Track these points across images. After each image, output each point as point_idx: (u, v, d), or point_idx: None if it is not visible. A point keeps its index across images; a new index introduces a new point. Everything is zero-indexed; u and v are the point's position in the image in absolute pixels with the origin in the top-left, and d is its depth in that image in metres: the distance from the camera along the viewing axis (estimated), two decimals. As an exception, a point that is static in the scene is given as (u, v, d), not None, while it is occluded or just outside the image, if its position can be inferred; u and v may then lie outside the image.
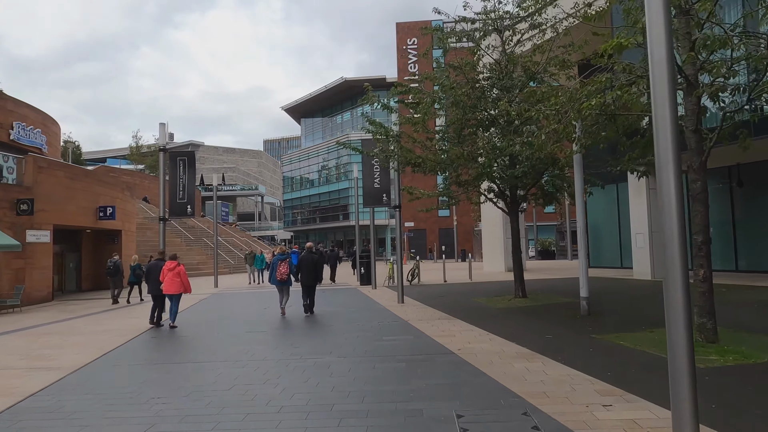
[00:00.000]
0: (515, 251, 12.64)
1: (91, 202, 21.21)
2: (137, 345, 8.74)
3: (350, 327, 9.61)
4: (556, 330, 8.39)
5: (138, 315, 13.05)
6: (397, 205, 13.17)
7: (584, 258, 9.85)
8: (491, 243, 23.58)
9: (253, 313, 12.39)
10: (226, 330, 10.00)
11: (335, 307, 12.92)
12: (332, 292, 16.87)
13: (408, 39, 60.68)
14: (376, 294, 15.76)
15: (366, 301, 13.94)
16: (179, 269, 10.41)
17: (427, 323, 9.62)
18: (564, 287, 15.53)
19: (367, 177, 13.54)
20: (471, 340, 7.85)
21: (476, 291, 15.33)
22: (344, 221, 61.19)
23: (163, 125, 13.73)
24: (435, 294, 14.96)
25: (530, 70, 11.65)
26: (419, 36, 60.21)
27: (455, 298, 13.63)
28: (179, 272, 10.35)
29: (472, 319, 9.88)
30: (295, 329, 9.77)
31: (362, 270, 19.24)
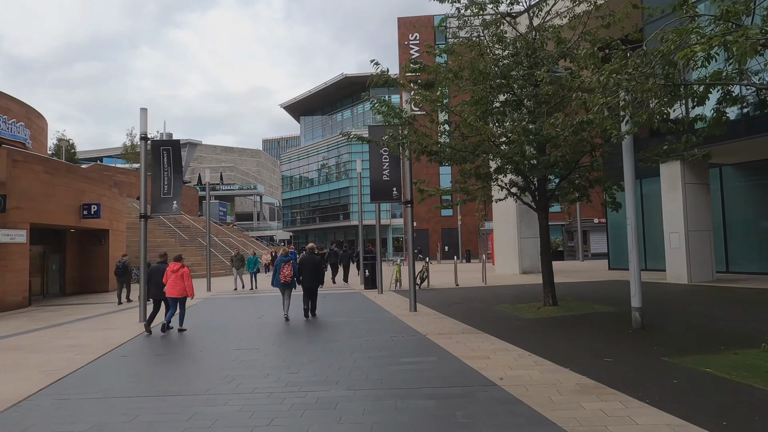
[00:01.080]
0: (545, 253, 11.09)
1: (73, 200, 19.65)
2: (99, 368, 7.18)
3: (358, 343, 8.06)
4: (613, 349, 6.84)
5: (118, 325, 11.51)
6: (409, 200, 11.62)
7: (636, 262, 8.31)
8: (504, 243, 22.04)
9: (246, 324, 10.83)
10: (211, 347, 8.44)
11: (339, 315, 11.38)
12: (335, 297, 15.32)
13: (410, 34, 59.16)
14: (383, 300, 14.22)
15: (373, 309, 12.39)
16: (183, 271, 9.89)
17: (449, 338, 8.08)
18: (591, 292, 14.00)
19: (374, 169, 11.99)
20: (511, 363, 6.30)
21: (496, 296, 13.78)
22: (345, 221, 59.62)
23: (144, 111, 12.19)
24: (450, 300, 13.41)
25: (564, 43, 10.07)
26: (421, 31, 58.83)
27: (474, 305, 12.08)
28: (183, 274, 9.84)
29: (503, 333, 8.33)
30: (293, 346, 8.21)
31: (366, 273, 17.69)
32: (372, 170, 12.03)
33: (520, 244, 21.13)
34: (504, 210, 21.60)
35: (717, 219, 16.77)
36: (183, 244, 35.84)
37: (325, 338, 8.64)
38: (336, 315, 11.51)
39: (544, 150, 10.32)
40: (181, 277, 9.81)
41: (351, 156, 59.12)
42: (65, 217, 19.13)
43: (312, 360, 7.01)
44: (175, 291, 9.80)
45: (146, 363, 7.35)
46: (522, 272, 21.05)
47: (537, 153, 9.10)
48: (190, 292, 9.92)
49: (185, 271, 9.92)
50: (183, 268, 9.95)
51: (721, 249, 16.79)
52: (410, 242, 11.55)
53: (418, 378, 5.84)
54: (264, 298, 16.51)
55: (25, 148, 23.89)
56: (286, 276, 10.78)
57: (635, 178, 11.13)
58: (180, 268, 9.91)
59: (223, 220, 66.80)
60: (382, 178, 11.88)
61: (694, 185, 14.84)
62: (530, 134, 8.64)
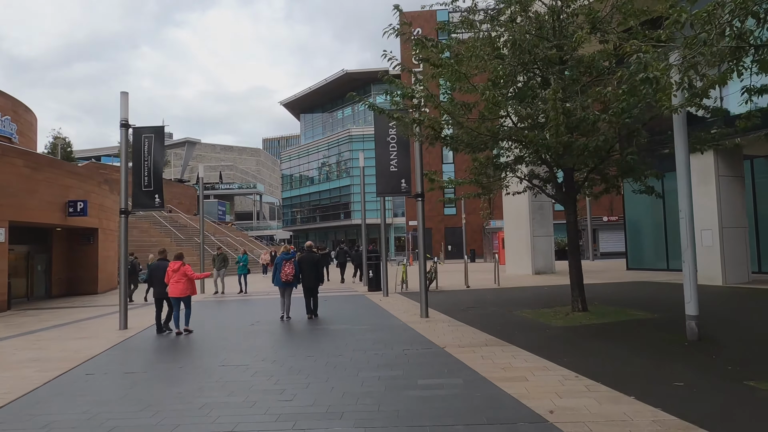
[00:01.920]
0: (573, 251, 9.86)
1: (58, 196, 18.44)
2: (51, 393, 5.97)
3: (365, 358, 6.84)
4: (677, 369, 5.63)
5: (95, 333, 10.31)
6: (419, 193, 10.40)
7: (692, 261, 7.10)
8: (515, 242, 20.80)
9: (237, 332, 9.62)
10: (193, 362, 7.23)
11: (342, 322, 10.16)
12: (337, 301, 14.11)
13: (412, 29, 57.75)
14: (389, 303, 13.00)
15: (380, 314, 11.17)
16: (184, 269, 9.53)
17: (472, 352, 6.86)
18: (618, 295, 12.77)
19: (380, 159, 10.76)
20: (558, 389, 5.08)
21: (513, 300, 12.56)
22: (345, 220, 58.42)
23: (125, 95, 10.98)
24: (462, 303, 12.19)
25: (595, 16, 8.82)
26: (423, 26, 57.58)
27: (492, 311, 10.86)
28: (185, 272, 9.50)
29: (534, 345, 7.12)
30: (288, 361, 6.99)
31: (370, 274, 16.48)
32: (378, 161, 10.81)
33: (533, 242, 19.91)
34: (515, 206, 20.39)
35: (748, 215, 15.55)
36: (179, 244, 34.63)
37: (327, 351, 7.42)
38: (338, 321, 10.29)
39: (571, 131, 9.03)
40: (183, 275, 9.47)
41: (352, 153, 57.91)
42: (49, 215, 17.93)
43: (310, 381, 5.79)
44: (177, 291, 9.42)
45: (111, 385, 6.13)
46: (535, 272, 19.83)
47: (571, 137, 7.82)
48: (194, 290, 9.67)
49: (187, 269, 9.57)
50: (184, 266, 9.59)
51: (752, 247, 15.56)
52: (421, 240, 10.36)
53: (445, 409, 4.62)
54: (258, 301, 15.30)
55: (11, 143, 22.71)
56: (288, 274, 10.46)
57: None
58: (180, 266, 9.54)
59: (222, 219, 65.65)
60: (390, 169, 10.65)
61: (728, 178, 13.62)
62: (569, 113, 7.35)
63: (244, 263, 18.24)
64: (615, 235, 39.65)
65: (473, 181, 11.12)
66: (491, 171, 10.79)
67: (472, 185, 11.30)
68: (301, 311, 11.18)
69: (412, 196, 10.57)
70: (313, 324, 10.13)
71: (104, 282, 22.85)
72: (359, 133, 58.27)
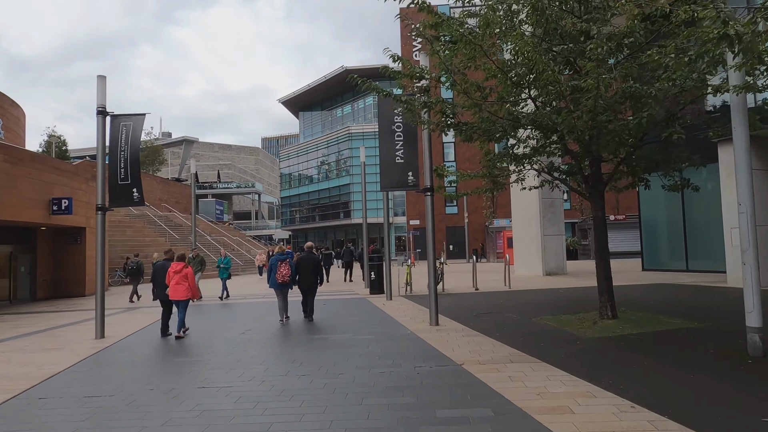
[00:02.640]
0: (602, 251, 8.81)
1: (40, 193, 17.39)
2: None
3: (371, 378, 5.79)
4: (755, 397, 4.58)
5: (67, 343, 9.26)
6: (428, 187, 9.35)
7: (754, 263, 6.05)
8: (525, 242, 19.72)
9: (225, 343, 8.56)
10: (167, 382, 6.18)
11: (342, 330, 9.11)
12: (337, 305, 13.06)
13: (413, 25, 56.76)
14: (393, 308, 11.95)
15: (383, 320, 10.12)
16: (186, 271, 9.16)
17: (497, 371, 5.82)
18: (644, 299, 11.74)
19: (385, 150, 9.70)
20: (615, 425, 4.03)
21: (529, 305, 11.52)
22: (345, 219, 57.37)
23: (102, 78, 9.94)
24: (474, 309, 11.15)
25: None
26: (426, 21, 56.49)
27: (509, 317, 9.81)
28: (186, 275, 9.13)
29: (568, 361, 6.08)
30: (279, 382, 5.94)
31: (372, 275, 15.43)
32: (382, 152, 9.76)
33: (544, 241, 18.86)
34: (525, 204, 19.35)
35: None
36: (174, 243, 33.53)
37: (325, 368, 6.37)
38: (338, 329, 9.24)
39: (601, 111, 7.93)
40: (184, 277, 9.09)
41: (352, 151, 56.87)
42: (30, 213, 16.87)
43: (305, 411, 4.74)
44: (178, 293, 9.08)
45: (60, 415, 5.08)
46: (546, 273, 18.78)
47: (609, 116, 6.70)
48: (196, 294, 9.31)
49: (188, 272, 9.17)
50: (186, 268, 9.20)
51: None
52: (430, 239, 9.31)
53: (476, 457, 3.57)
54: (252, 305, 14.25)
55: (-5, 138, 21.65)
56: (284, 276, 10.16)
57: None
58: (182, 268, 9.16)
59: (220, 219, 64.57)
60: (395, 160, 9.59)
61: (761, 171, 12.58)
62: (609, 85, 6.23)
63: (226, 266, 16.23)
64: (621, 234, 38.64)
65: (485, 175, 10.07)
66: (507, 163, 9.73)
67: (483, 180, 10.25)
68: (300, 312, 10.75)
69: (420, 191, 9.52)
70: (311, 332, 9.09)
71: (92, 284, 21.76)
72: (359, 131, 57.22)
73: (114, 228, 33.28)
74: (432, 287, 9.28)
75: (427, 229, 9.41)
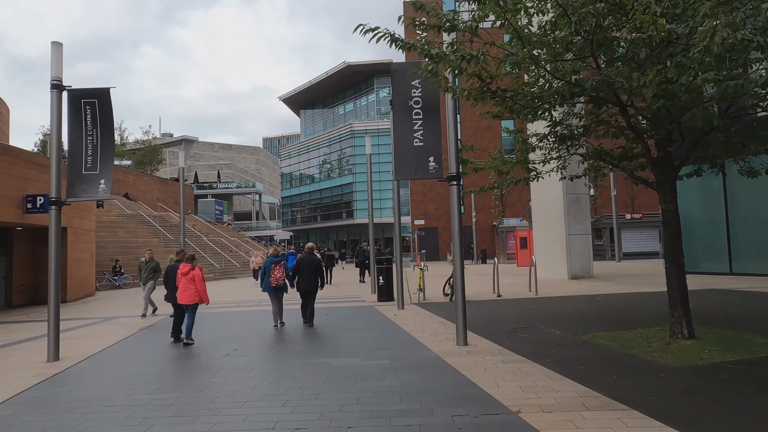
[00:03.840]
0: (675, 254, 7.01)
1: (13, 189, 15.67)
2: None
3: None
4: None
5: (7, 368, 7.54)
6: (454, 174, 7.59)
7: None
8: (547, 242, 17.91)
9: (200, 371, 6.82)
10: (124, 419, 4.45)
11: (349, 352, 7.36)
12: (343, 316, 11.32)
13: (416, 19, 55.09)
14: (407, 320, 10.20)
15: (398, 337, 8.37)
16: (194, 274, 8.64)
17: (575, 428, 4.06)
18: (704, 309, 9.92)
19: (400, 132, 7.92)
20: None
21: (567, 316, 9.75)
22: (348, 219, 55.63)
23: (58, 46, 8.21)
24: (505, 321, 9.39)
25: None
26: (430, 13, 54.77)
27: (551, 333, 8.04)
28: (194, 277, 8.60)
29: (664, 409, 4.32)
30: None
31: (380, 280, 13.67)
32: (397, 135, 7.99)
33: (569, 242, 17.08)
34: (546, 200, 17.58)
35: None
36: (167, 244, 31.89)
37: (327, 415, 4.61)
38: (344, 350, 7.48)
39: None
40: (191, 280, 8.56)
41: (354, 149, 55.17)
42: (1, 211, 15.17)
43: None
44: (186, 297, 8.57)
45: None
46: (572, 277, 17.00)
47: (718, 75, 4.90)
48: (205, 298, 8.66)
49: (196, 274, 8.62)
50: (193, 270, 8.64)
51: None
52: (457, 237, 7.58)
53: None
54: (244, 315, 12.51)
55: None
56: (277, 279, 9.69)
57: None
58: (190, 270, 8.62)
59: (219, 219, 63.02)
60: (413, 143, 7.81)
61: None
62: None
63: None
64: (638, 233, 36.81)
65: (520, 162, 8.32)
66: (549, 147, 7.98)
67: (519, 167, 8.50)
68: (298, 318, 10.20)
69: (444, 179, 7.76)
70: (310, 353, 7.34)
71: (76, 289, 20.09)
72: (362, 128, 55.49)
73: (105, 228, 31.61)
74: (460, 297, 7.52)
75: (453, 225, 7.66)
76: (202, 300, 8.64)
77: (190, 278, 8.57)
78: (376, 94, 59.63)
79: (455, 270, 7.64)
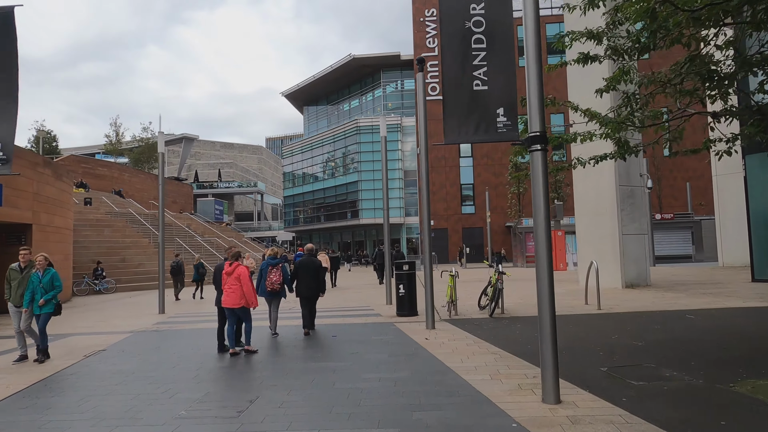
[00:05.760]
0: None
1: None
2: None
3: None
4: None
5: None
6: (540, 133, 4.83)
7: None
8: (594, 243, 14.99)
9: (171, 409, 4.08)
10: None
11: (368, 418, 4.63)
12: (355, 340, 8.58)
13: (426, 10, 52.71)
14: (445, 347, 7.45)
15: (444, 383, 5.62)
16: (239, 272, 7.59)
17: None
18: None
19: (453, 69, 5.17)
20: None
21: (666, 344, 6.98)
22: (353, 219, 52.91)
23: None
24: (588, 352, 6.64)
25: None
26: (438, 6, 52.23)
27: (674, 379, 5.27)
28: (239, 276, 7.57)
29: None
30: None
31: (401, 290, 10.93)
32: (446, 74, 5.25)
33: (623, 243, 14.28)
34: (592, 193, 14.80)
35: None
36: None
37: None
38: (363, 410, 4.74)
39: None
40: (237, 280, 7.59)
41: (360, 146, 52.51)
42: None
43: None
44: (232, 299, 7.57)
45: None
46: (626, 285, 14.19)
47: None
48: (251, 300, 7.64)
49: (242, 272, 7.66)
50: (238, 268, 7.72)
51: None
52: (543, 231, 4.85)
53: None
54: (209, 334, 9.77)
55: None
56: (273, 283, 8.98)
57: None
58: (235, 268, 7.70)
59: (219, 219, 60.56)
60: (472, 86, 5.07)
61: None
62: None
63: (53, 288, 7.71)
64: (669, 235, 33.92)
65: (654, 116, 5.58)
66: (677, 90, 5.23)
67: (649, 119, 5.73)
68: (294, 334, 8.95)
69: (519, 142, 5.01)
70: (310, 420, 4.61)
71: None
72: (368, 124, 52.83)
73: (90, 227, 29.01)
74: (548, 331, 4.75)
75: (537, 211, 4.89)
76: (249, 302, 7.63)
77: (235, 278, 7.65)
78: (382, 89, 57.02)
79: (540, 281, 4.88)
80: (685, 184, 44.97)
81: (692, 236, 33.78)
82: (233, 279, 7.67)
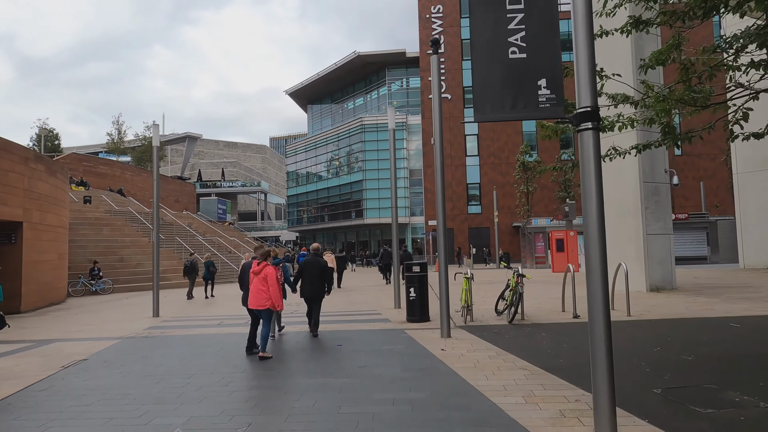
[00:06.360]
0: None
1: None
2: None
3: None
4: None
5: None
6: (590, 108, 3.98)
7: None
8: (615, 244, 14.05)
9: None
10: None
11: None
12: (361, 348, 7.73)
13: (432, 6, 51.87)
14: (465, 359, 6.59)
15: (470, 408, 4.77)
16: (266, 272, 7.20)
17: None
18: None
19: (483, 36, 4.36)
20: None
21: (720, 357, 6.09)
22: (357, 219, 52.08)
23: None
24: (632, 369, 5.76)
25: None
26: (444, 2, 51.34)
27: (749, 407, 4.41)
28: (266, 277, 7.18)
29: None
30: None
31: (411, 293, 10.08)
32: (476, 42, 4.41)
33: (647, 243, 13.37)
34: (615, 191, 13.88)
35: None
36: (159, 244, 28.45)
37: None
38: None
39: None
40: (263, 280, 7.16)
41: (365, 145, 51.68)
42: None
43: None
44: (257, 301, 7.17)
45: None
46: (651, 289, 13.28)
47: None
48: (277, 302, 7.21)
49: (269, 272, 7.16)
50: (266, 268, 7.22)
51: None
52: (594, 221, 3.99)
53: None
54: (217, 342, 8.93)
55: None
56: None
57: None
58: (263, 268, 7.22)
59: (222, 218, 59.96)
60: (508, 54, 4.24)
61: None
62: None
63: None
64: (683, 236, 32.87)
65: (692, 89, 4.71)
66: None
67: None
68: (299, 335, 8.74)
69: (564, 119, 4.18)
70: None
71: (33, 296, 16.65)
72: (372, 122, 52.01)
73: (88, 226, 28.28)
74: (603, 351, 3.89)
75: (589, 203, 4.02)
76: (274, 304, 7.26)
77: (262, 278, 7.29)
78: (388, 87, 56.15)
79: (590, 284, 4.02)
80: (695, 183, 43.93)
81: (707, 237, 32.76)
82: (259, 280, 7.27)
